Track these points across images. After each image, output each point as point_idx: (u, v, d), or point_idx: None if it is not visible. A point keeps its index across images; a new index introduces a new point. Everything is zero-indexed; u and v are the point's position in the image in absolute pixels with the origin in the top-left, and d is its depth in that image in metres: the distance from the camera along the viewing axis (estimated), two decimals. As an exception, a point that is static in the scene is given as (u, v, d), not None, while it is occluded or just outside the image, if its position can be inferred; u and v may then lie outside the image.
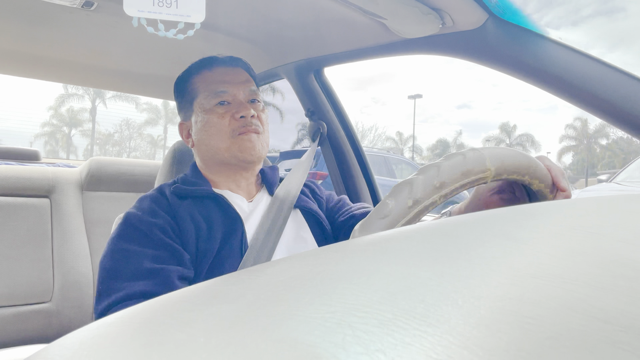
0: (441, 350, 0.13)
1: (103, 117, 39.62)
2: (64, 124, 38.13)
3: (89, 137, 39.26)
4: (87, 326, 0.18)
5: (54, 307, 1.55)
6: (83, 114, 38.14)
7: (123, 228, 0.81)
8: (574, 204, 0.31)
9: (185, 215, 0.84)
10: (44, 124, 38.18)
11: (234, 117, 0.90)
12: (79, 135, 39.59)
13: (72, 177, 1.74)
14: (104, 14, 1.11)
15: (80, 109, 37.62)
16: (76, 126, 38.74)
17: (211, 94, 0.92)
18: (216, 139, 0.90)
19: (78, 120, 38.37)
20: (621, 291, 0.17)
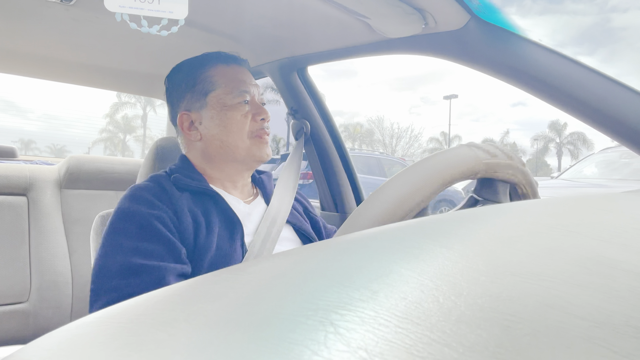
0: (422, 347, 0.13)
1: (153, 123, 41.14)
2: (119, 130, 39.82)
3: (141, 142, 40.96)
4: (65, 326, 0.18)
5: (31, 307, 1.52)
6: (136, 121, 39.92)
7: (118, 221, 0.79)
8: (552, 202, 0.31)
9: (183, 207, 0.82)
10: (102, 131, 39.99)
11: (254, 118, 0.91)
12: (132, 140, 41.22)
13: (50, 174, 1.71)
14: (84, 9, 1.09)
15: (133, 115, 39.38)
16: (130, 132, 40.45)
17: (235, 91, 0.91)
18: (235, 137, 0.90)
19: (132, 127, 40.11)
20: (597, 288, 0.17)
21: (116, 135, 39.66)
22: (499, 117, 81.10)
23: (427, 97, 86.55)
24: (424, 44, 1.00)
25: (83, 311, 1.60)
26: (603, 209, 0.30)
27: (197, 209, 0.84)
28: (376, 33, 1.05)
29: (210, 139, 0.91)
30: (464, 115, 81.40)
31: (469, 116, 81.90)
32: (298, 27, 1.14)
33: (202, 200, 0.86)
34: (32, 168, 1.68)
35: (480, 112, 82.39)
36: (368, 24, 1.01)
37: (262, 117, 0.91)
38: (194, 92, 0.93)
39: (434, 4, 0.87)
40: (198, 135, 0.92)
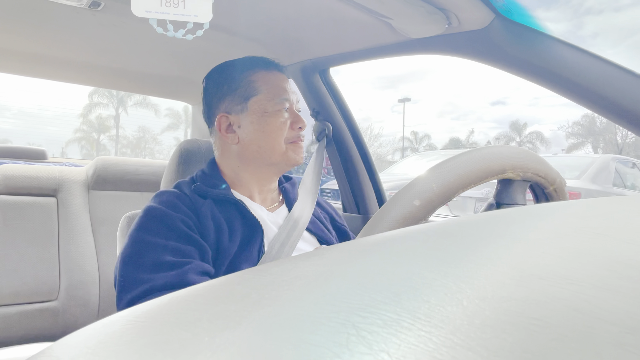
0: (445, 351, 0.13)
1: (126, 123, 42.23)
2: (93, 130, 40.68)
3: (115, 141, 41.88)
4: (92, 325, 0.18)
5: (60, 305, 1.56)
6: (109, 121, 40.84)
7: (145, 220, 0.81)
8: (580, 204, 0.30)
9: (206, 213, 0.84)
10: (76, 130, 40.87)
11: (292, 126, 0.93)
12: (106, 139, 42.02)
13: (78, 176, 1.75)
14: (111, 14, 1.11)
15: (107, 116, 40.28)
16: (104, 132, 41.27)
17: (277, 98, 0.92)
18: (274, 142, 0.91)
19: (106, 127, 40.94)
20: (627, 293, 0.16)
21: (90, 135, 40.53)
22: (478, 115, 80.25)
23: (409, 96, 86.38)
24: (447, 44, 0.99)
25: (110, 309, 1.64)
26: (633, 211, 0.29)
27: (220, 216, 0.85)
28: (398, 34, 1.04)
29: (248, 143, 0.92)
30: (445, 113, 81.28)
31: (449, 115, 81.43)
32: (320, 29, 1.14)
33: (225, 208, 0.88)
34: (61, 170, 1.73)
35: (460, 110, 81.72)
36: (390, 24, 1.01)
37: (299, 125, 0.93)
38: (236, 95, 0.93)
39: (458, 3, 0.86)
40: (236, 138, 0.93)
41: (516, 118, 45.66)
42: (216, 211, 0.86)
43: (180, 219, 0.81)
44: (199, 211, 0.85)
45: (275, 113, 0.92)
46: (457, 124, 76.93)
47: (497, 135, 44.56)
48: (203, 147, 1.12)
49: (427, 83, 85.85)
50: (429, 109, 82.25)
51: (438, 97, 51.69)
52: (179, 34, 0.81)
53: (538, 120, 45.67)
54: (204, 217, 0.84)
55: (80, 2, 1.03)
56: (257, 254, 0.84)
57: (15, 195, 1.59)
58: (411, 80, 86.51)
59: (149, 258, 0.75)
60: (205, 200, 0.87)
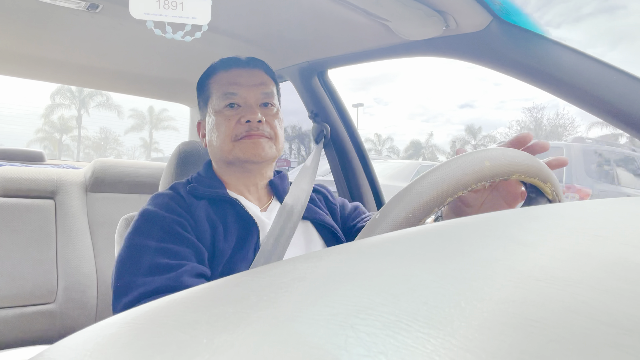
0: (444, 353, 0.13)
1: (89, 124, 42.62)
2: (56, 130, 40.97)
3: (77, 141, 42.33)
4: (90, 327, 0.18)
5: (58, 308, 1.56)
6: (72, 121, 41.12)
7: (140, 223, 0.81)
8: (577, 206, 0.31)
9: (201, 214, 0.84)
10: (38, 130, 41.13)
11: (240, 121, 0.90)
12: (69, 140, 42.29)
13: (76, 178, 1.75)
14: (109, 16, 1.11)
15: (69, 116, 40.55)
16: (66, 132, 41.53)
17: (222, 96, 0.92)
18: (221, 140, 0.91)
19: (68, 127, 41.18)
20: (625, 294, 0.16)
21: (52, 135, 40.90)
22: (447, 117, 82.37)
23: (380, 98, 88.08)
24: (445, 46, 0.99)
25: (108, 312, 1.64)
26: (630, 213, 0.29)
27: (215, 217, 0.85)
28: (396, 36, 1.04)
29: (209, 145, 0.95)
30: (415, 116, 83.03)
31: (420, 117, 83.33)
32: (318, 31, 1.15)
33: (220, 207, 0.87)
34: (59, 172, 1.73)
35: (430, 113, 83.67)
36: (388, 26, 1.01)
37: (247, 119, 0.89)
38: (201, 101, 0.98)
39: (455, 6, 0.86)
40: (203, 142, 0.98)
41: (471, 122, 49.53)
42: (211, 212, 0.85)
43: (175, 221, 0.80)
44: (194, 212, 0.84)
45: (220, 111, 0.92)
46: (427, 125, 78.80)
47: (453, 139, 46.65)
48: (201, 149, 1.12)
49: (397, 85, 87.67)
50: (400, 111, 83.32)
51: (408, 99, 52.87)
52: (177, 36, 0.81)
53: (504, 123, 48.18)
54: (199, 218, 0.83)
55: (78, 4, 1.03)
56: (252, 253, 0.83)
57: (12, 198, 1.59)
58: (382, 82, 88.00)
59: (144, 261, 0.75)
60: (200, 201, 0.87)
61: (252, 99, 0.92)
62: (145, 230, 0.79)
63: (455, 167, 0.48)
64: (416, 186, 0.46)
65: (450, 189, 0.47)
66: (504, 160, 0.52)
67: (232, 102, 0.92)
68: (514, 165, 0.53)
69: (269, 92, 0.95)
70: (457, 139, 45.40)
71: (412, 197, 0.45)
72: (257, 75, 0.95)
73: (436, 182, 0.46)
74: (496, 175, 0.51)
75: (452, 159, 0.49)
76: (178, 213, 0.82)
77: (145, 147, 43.58)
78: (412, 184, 0.47)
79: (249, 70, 0.95)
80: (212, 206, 0.87)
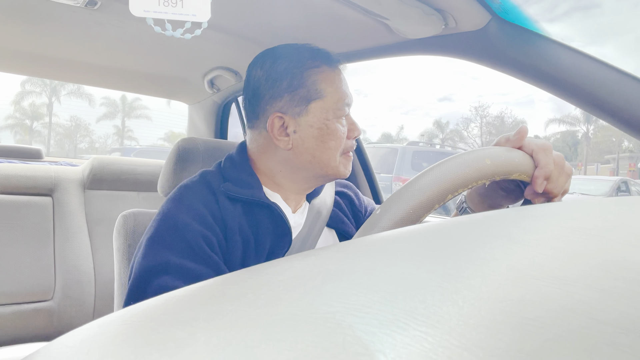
0: (441, 351, 0.13)
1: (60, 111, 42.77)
2: (27, 117, 41.19)
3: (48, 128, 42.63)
4: (88, 324, 0.18)
5: (56, 305, 1.56)
6: (43, 108, 41.37)
7: (165, 230, 0.72)
8: (575, 205, 0.31)
9: (234, 227, 0.76)
10: (8, 117, 41.26)
11: (349, 135, 0.82)
12: (40, 127, 42.45)
13: (74, 175, 1.74)
14: (108, 13, 1.11)
15: (40, 103, 40.86)
16: (37, 119, 41.68)
17: (340, 104, 0.81)
18: (330, 153, 0.80)
19: (39, 114, 41.40)
20: (622, 293, 0.17)
21: (23, 122, 41.16)
22: (426, 110, 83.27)
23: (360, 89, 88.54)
24: (444, 44, 0.99)
25: (105, 309, 1.64)
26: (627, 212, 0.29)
27: (249, 227, 0.77)
28: (395, 34, 1.04)
29: (302, 151, 0.80)
30: (394, 108, 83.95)
31: (399, 109, 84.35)
32: (317, 29, 1.14)
33: (255, 213, 0.79)
34: (57, 169, 1.72)
35: (409, 105, 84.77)
36: (387, 25, 1.01)
37: (356, 134, 0.82)
38: (296, 95, 0.80)
39: (454, 4, 0.86)
40: (289, 143, 0.80)
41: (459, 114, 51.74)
42: (244, 222, 0.77)
43: (202, 235, 0.72)
44: (226, 222, 0.75)
45: (336, 122, 0.80)
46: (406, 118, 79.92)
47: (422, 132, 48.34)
48: (201, 146, 1.12)
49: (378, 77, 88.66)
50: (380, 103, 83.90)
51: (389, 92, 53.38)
52: (176, 34, 0.80)
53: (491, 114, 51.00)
54: (231, 231, 0.75)
55: (77, 1, 1.02)
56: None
57: (10, 195, 1.58)
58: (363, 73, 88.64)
59: (162, 282, 0.68)
60: (235, 207, 0.78)
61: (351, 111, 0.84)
62: (166, 239, 0.71)
63: (456, 165, 0.48)
64: (417, 183, 0.46)
65: (451, 186, 0.47)
66: (504, 159, 0.52)
67: (347, 113, 0.82)
68: (513, 164, 0.53)
69: None
70: (426, 132, 47.06)
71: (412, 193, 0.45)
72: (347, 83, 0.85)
73: (437, 178, 0.47)
74: (496, 174, 0.51)
75: (453, 156, 0.50)
76: (208, 225, 0.73)
77: (119, 135, 43.68)
78: (412, 180, 0.47)
79: (343, 74, 0.85)
80: (246, 213, 0.79)
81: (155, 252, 0.71)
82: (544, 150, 0.56)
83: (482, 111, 43.52)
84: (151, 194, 1.86)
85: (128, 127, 43.23)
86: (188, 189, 0.78)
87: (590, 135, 38.55)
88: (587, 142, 37.48)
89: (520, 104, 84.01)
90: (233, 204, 0.78)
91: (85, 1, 1.03)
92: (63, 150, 43.41)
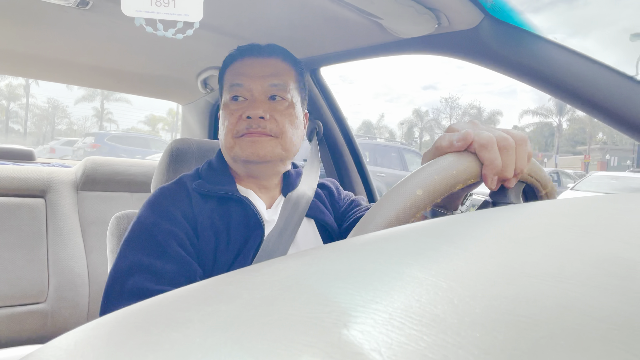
0: (437, 350, 0.13)
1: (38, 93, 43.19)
2: (3, 97, 41.28)
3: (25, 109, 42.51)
4: (82, 326, 0.18)
5: (49, 307, 1.55)
6: (20, 89, 41.25)
7: (138, 231, 0.76)
8: (568, 203, 0.31)
9: (206, 222, 0.79)
10: None
11: (242, 116, 0.84)
12: (17, 107, 42.31)
13: (67, 177, 1.73)
14: (99, 13, 1.10)
15: (17, 84, 40.76)
16: (14, 100, 41.57)
17: (229, 88, 0.87)
18: (224, 136, 0.86)
19: (16, 95, 41.37)
20: (614, 290, 0.17)
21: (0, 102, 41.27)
22: (410, 98, 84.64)
23: (345, 76, 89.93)
24: (437, 43, 0.99)
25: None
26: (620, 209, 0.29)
27: (221, 221, 0.80)
28: (389, 33, 1.04)
29: (219, 140, 0.91)
30: (379, 95, 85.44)
31: (384, 96, 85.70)
32: (311, 29, 1.14)
33: (226, 208, 0.82)
34: (50, 170, 1.71)
35: (394, 92, 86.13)
36: (381, 24, 1.01)
37: (248, 114, 0.82)
38: (221, 91, 0.92)
39: (447, 3, 0.86)
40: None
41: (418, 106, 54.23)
42: (216, 217, 0.80)
43: (172, 233, 0.75)
44: (197, 218, 0.79)
45: (226, 105, 0.87)
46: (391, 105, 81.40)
47: (401, 121, 49.55)
48: (194, 146, 1.12)
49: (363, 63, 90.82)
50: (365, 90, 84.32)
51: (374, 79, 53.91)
52: (168, 34, 0.80)
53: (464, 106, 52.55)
54: (203, 226, 0.78)
55: (68, 1, 1.02)
56: (253, 255, 0.79)
57: (2, 197, 1.57)
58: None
59: (133, 284, 0.70)
60: (207, 203, 0.81)
61: (257, 92, 0.85)
62: (140, 241, 0.75)
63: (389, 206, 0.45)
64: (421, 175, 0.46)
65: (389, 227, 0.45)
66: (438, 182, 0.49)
67: (236, 94, 0.86)
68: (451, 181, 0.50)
69: (280, 84, 0.86)
70: (405, 120, 48.33)
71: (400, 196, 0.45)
72: (269, 65, 0.88)
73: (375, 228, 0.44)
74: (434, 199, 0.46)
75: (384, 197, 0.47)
76: (177, 222, 0.76)
77: (98, 117, 43.30)
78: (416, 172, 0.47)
79: (263, 60, 0.88)
80: (219, 208, 0.82)
81: (128, 254, 0.74)
82: (485, 147, 0.48)
83: (452, 102, 44.72)
84: (145, 194, 1.85)
85: (107, 109, 42.81)
86: (162, 191, 0.83)
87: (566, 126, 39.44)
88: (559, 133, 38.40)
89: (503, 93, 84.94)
90: (205, 201, 0.82)
91: (76, 1, 1.02)
92: (40, 132, 42.99)
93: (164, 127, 49.17)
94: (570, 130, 40.43)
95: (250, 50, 0.90)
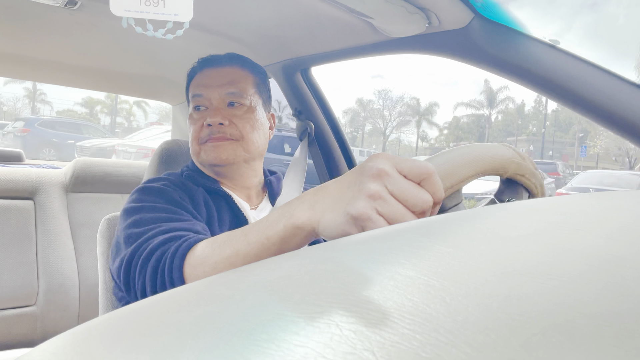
0: (430, 349, 0.13)
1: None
2: None
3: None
4: (72, 329, 0.18)
5: (39, 310, 1.53)
6: None
7: (145, 195, 0.78)
8: (558, 201, 0.31)
9: (199, 199, 0.84)
10: None
11: (203, 124, 0.89)
12: None
13: (56, 178, 1.72)
14: (88, 14, 1.09)
15: None
16: None
17: (192, 99, 0.93)
18: (191, 144, 0.92)
19: None
20: (606, 286, 0.17)
21: None
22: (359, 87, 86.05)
23: None
24: (428, 43, 0.99)
25: (90, 314, 1.61)
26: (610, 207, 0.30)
27: (212, 204, 0.86)
28: (380, 33, 1.04)
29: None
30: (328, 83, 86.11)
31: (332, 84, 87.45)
32: (301, 28, 1.14)
33: (216, 199, 0.88)
34: (39, 172, 1.69)
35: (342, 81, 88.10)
36: (371, 24, 1.01)
37: (208, 122, 0.88)
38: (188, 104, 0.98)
39: (438, 3, 0.86)
40: None
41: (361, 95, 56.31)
42: (208, 199, 0.86)
43: (177, 193, 0.80)
44: (192, 195, 0.84)
45: (190, 115, 0.93)
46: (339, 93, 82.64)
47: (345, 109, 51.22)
48: (184, 147, 1.11)
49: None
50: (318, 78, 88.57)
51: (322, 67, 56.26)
52: (158, 34, 0.79)
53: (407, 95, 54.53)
54: (197, 202, 0.83)
55: (56, 1, 1.01)
56: None
57: None
58: None
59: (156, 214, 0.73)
60: (198, 188, 0.87)
61: (216, 101, 0.91)
62: (150, 200, 0.77)
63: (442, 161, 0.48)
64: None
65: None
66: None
67: (197, 104, 0.92)
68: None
69: (237, 92, 0.91)
70: (349, 110, 50.35)
71: None
72: (227, 74, 0.93)
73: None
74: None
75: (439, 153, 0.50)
76: (178, 190, 0.82)
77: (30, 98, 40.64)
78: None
79: (219, 70, 0.93)
80: (209, 195, 0.88)
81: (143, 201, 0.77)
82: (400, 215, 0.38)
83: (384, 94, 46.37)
84: None
85: (41, 90, 40.02)
86: (153, 178, 0.87)
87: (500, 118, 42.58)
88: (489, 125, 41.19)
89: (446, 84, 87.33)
90: (196, 186, 0.87)
91: (64, 1, 1.01)
92: (-37, 114, 39.90)
93: (102, 110, 45.05)
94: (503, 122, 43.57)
95: (209, 62, 0.96)
